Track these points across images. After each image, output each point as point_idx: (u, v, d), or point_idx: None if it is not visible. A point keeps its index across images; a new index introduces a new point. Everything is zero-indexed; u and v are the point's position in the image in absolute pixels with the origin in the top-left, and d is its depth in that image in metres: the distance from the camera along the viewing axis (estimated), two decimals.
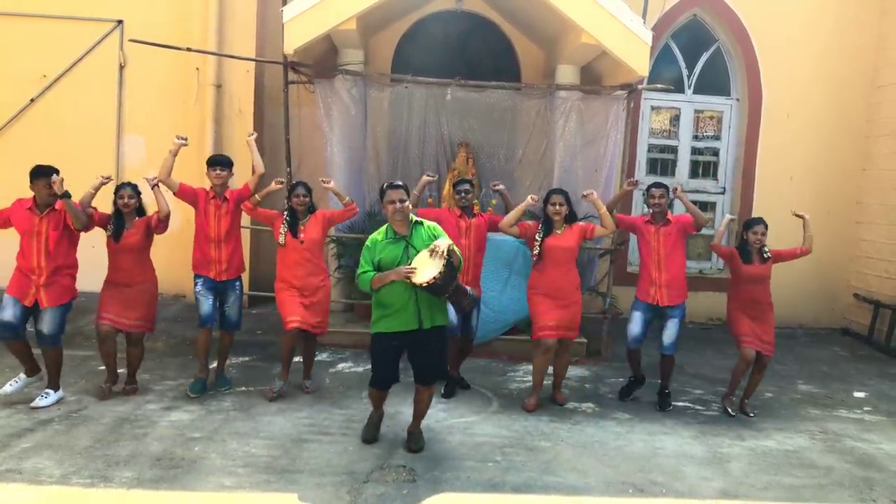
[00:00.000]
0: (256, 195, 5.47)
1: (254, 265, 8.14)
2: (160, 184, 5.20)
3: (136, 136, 7.97)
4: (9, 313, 4.82)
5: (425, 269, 4.08)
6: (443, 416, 5.11)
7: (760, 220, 5.55)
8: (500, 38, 8.85)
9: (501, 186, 5.81)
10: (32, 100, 7.74)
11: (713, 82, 9.19)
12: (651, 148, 9.21)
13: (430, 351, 4.31)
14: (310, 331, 5.36)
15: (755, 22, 8.86)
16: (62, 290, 4.93)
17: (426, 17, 8.65)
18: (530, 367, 6.44)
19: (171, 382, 5.51)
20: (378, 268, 4.22)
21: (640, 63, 6.87)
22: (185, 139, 5.34)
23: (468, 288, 4.43)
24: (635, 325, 5.55)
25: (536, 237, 5.37)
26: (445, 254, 4.07)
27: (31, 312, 4.90)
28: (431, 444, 4.57)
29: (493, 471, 4.26)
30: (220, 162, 5.38)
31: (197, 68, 7.85)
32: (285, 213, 5.42)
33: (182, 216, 7.85)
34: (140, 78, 7.95)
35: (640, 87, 7.29)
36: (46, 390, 5.00)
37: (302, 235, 5.36)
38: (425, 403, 4.50)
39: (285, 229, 5.36)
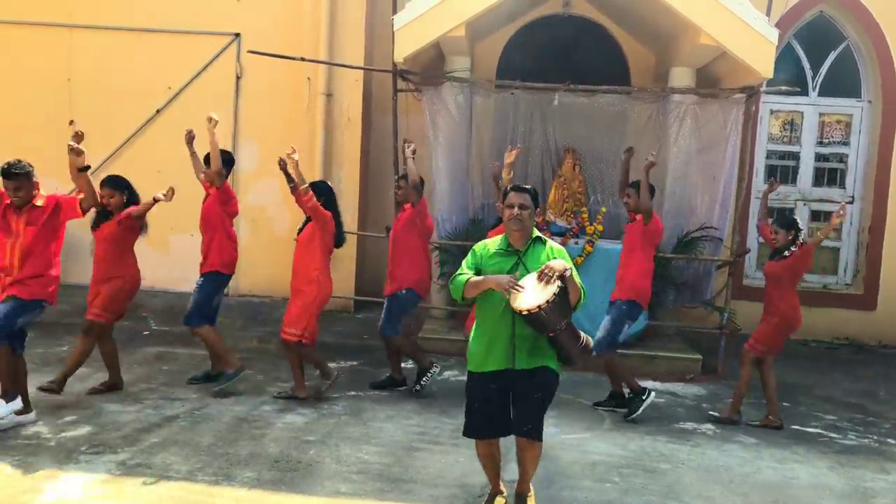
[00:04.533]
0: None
1: (360, 271, 8.27)
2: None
3: (250, 144, 8.28)
4: None
5: (530, 294, 3.27)
6: (554, 432, 4.94)
7: (777, 220, 5.49)
8: (608, 41, 8.61)
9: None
10: (159, 110, 8.20)
11: (841, 84, 8.56)
12: (770, 154, 8.68)
13: (522, 397, 3.50)
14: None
15: (889, 17, 8.18)
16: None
17: (532, 22, 8.55)
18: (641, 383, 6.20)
19: (284, 384, 5.59)
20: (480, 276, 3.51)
21: (764, 64, 6.47)
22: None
23: (583, 334, 3.53)
24: None
25: None
26: (557, 279, 3.27)
27: None
28: (543, 461, 4.40)
29: (611, 492, 4.07)
30: (207, 160, 5.47)
31: (308, 78, 8.08)
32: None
33: (292, 220, 8.08)
34: (255, 88, 8.26)
35: (761, 89, 6.89)
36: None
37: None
38: (526, 461, 3.61)
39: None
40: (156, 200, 5.08)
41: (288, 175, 5.39)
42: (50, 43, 8.29)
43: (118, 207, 5.08)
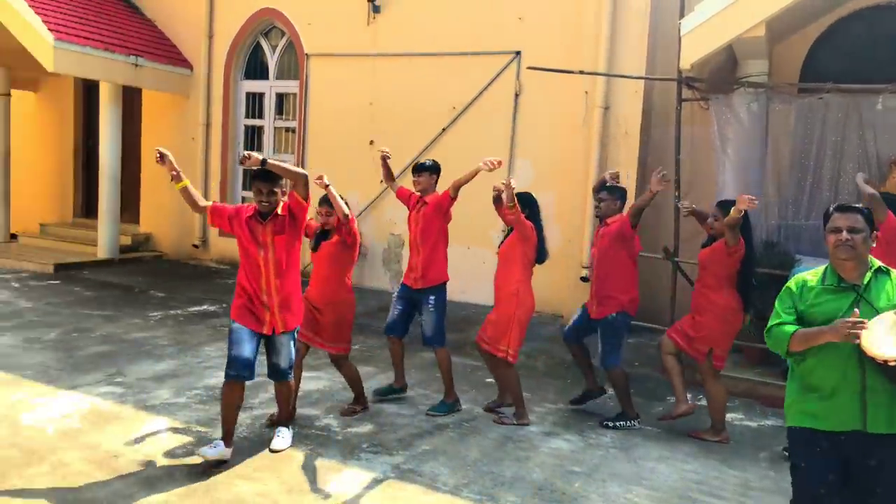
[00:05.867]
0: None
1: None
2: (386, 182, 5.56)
3: (524, 161, 8.38)
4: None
5: (888, 339, 2.70)
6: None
7: None
8: None
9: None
10: (444, 129, 8.71)
11: None
12: None
13: (879, 472, 2.80)
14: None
15: None
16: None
17: (847, 17, 7.36)
18: None
19: (551, 405, 5.48)
20: (802, 322, 2.94)
21: None
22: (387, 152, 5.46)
23: None
24: None
25: None
26: None
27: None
28: None
29: None
30: (416, 168, 5.33)
31: (586, 92, 7.91)
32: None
33: (562, 235, 7.97)
34: (532, 104, 8.34)
35: None
36: (280, 428, 4.51)
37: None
38: None
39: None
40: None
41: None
42: (357, 71, 9.32)
43: (336, 227, 4.89)
